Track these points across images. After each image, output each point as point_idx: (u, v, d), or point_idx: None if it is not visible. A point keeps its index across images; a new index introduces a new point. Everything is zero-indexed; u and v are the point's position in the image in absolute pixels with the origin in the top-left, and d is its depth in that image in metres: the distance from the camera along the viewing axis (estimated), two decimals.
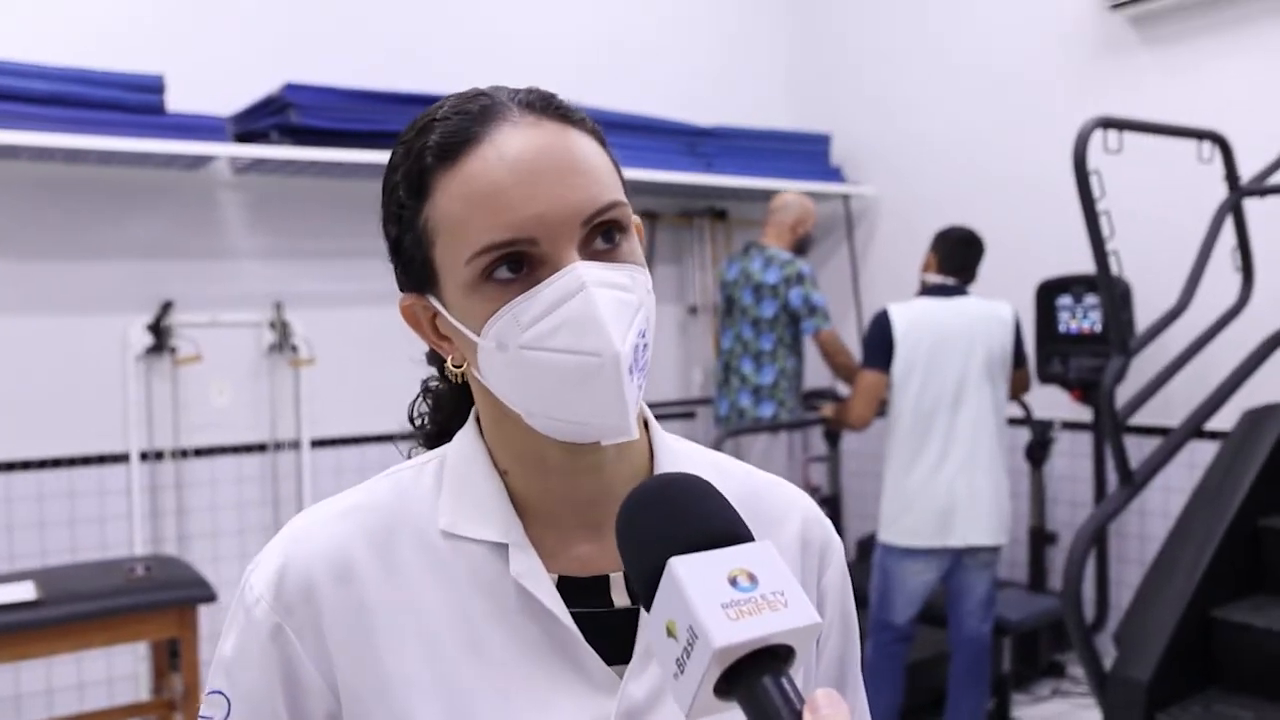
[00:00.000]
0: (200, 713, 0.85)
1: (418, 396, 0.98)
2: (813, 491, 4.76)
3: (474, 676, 0.80)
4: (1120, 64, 4.31)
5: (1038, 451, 4.39)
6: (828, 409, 4.04)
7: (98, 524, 3.93)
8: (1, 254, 3.74)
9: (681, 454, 0.91)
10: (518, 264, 0.77)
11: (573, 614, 0.82)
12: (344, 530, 0.84)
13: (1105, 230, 3.10)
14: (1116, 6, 4.23)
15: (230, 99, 3.97)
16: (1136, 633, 3.04)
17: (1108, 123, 3.15)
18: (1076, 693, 4.18)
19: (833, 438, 4.95)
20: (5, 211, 3.74)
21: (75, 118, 3.53)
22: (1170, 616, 3.00)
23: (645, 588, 0.64)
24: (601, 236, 0.80)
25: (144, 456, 4.01)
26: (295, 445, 4.28)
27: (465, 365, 0.84)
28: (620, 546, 0.68)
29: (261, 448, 4.23)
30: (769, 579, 0.62)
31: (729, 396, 4.38)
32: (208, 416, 4.12)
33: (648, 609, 0.64)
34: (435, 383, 0.97)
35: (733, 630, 0.58)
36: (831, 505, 4.93)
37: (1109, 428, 3.17)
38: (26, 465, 3.81)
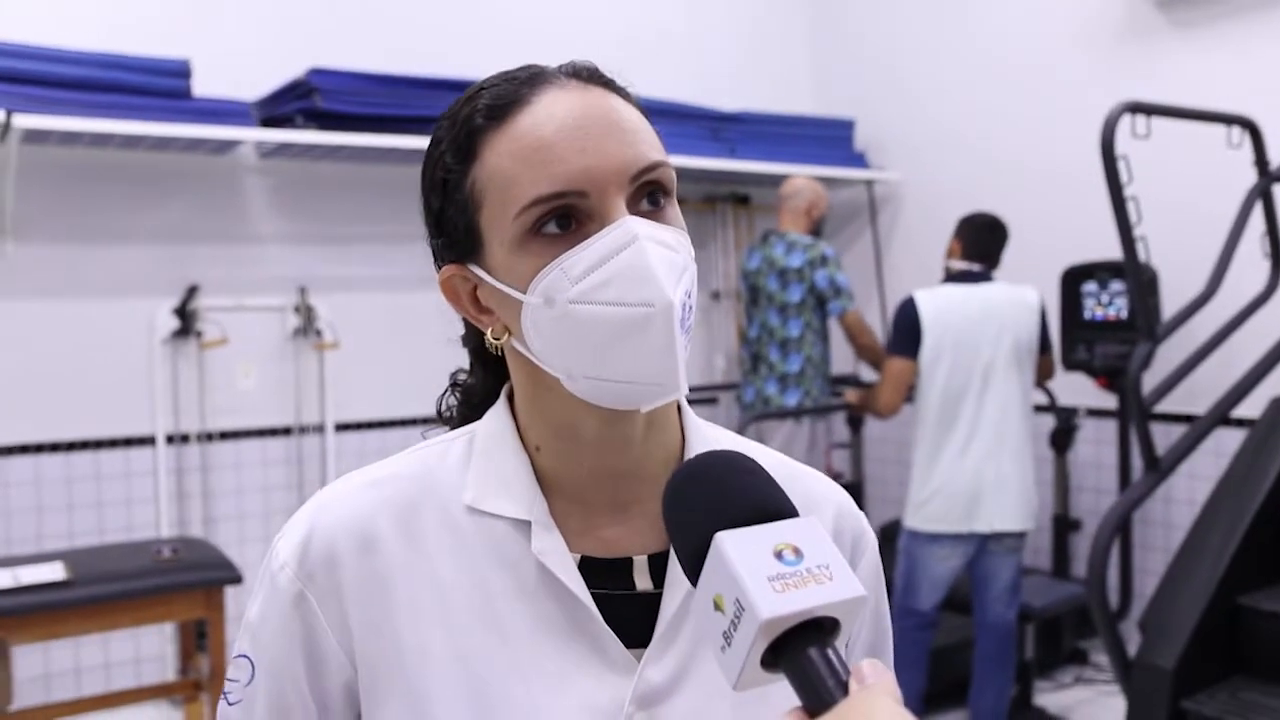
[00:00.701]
0: (228, 675, 0.86)
1: (446, 390, 0.97)
2: (835, 478, 4.75)
3: (491, 652, 0.81)
4: (1147, 48, 4.27)
5: (1062, 438, 4.37)
6: (852, 394, 4.03)
7: (124, 506, 3.96)
8: (29, 238, 3.77)
9: (712, 439, 0.91)
10: (566, 220, 0.78)
11: (593, 595, 0.82)
12: (369, 501, 0.85)
13: (1133, 216, 3.08)
14: None
15: (255, 84, 3.98)
16: (1162, 620, 3.03)
17: (1136, 108, 3.13)
18: (1100, 680, 4.17)
19: (856, 424, 4.94)
20: (33, 196, 3.77)
21: (102, 102, 3.55)
22: (1196, 604, 2.98)
23: (692, 562, 0.65)
24: (647, 198, 0.80)
25: (170, 439, 4.04)
26: (320, 429, 4.31)
27: (505, 337, 0.84)
28: (667, 521, 0.69)
29: (286, 431, 4.26)
30: (814, 553, 0.62)
31: (756, 384, 4.39)
32: (233, 400, 4.15)
33: (694, 583, 0.64)
34: (464, 376, 0.97)
35: (779, 603, 0.59)
36: (854, 491, 4.93)
37: (1135, 414, 3.15)
38: (55, 447, 3.85)
